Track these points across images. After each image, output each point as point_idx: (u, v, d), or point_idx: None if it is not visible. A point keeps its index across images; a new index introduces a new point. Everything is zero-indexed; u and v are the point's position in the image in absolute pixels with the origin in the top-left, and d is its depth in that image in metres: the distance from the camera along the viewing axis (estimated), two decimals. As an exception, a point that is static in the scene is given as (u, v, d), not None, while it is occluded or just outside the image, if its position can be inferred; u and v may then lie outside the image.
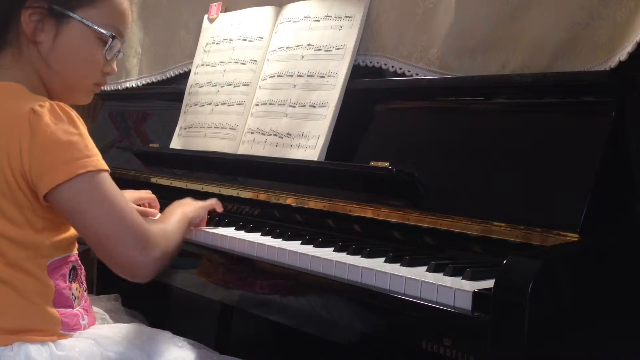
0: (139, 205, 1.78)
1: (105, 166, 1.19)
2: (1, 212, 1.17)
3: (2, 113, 1.18)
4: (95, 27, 1.25)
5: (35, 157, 1.14)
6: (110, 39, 1.28)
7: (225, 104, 1.95)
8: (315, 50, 1.74)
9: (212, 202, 1.63)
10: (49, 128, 1.15)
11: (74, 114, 1.20)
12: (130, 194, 1.78)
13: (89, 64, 1.29)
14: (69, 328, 1.25)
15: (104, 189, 1.17)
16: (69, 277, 1.27)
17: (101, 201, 1.17)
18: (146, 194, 1.80)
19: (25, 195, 1.17)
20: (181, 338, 1.37)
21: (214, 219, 1.66)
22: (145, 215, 1.76)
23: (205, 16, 2.16)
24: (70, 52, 1.26)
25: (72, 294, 1.27)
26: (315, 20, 1.78)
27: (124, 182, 2.13)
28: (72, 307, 1.27)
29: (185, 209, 1.48)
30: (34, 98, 1.20)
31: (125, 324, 1.40)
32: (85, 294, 1.33)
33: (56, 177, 1.14)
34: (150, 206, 1.79)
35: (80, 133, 1.18)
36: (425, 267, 1.23)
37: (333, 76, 1.68)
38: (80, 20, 1.24)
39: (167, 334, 1.37)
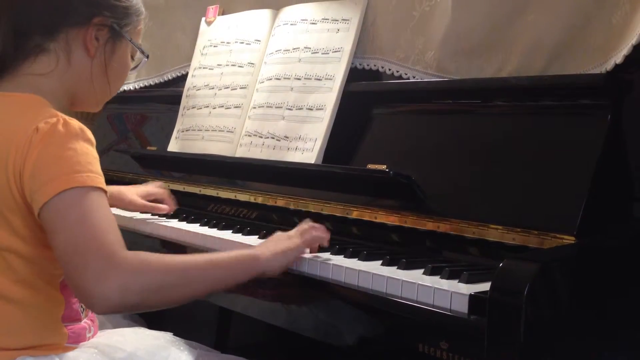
0: (152, 201, 1.77)
1: (96, 183, 1.12)
2: (12, 228, 1.15)
3: (10, 130, 1.16)
4: (138, 47, 1.34)
5: (27, 177, 1.11)
6: (145, 58, 1.38)
7: (222, 106, 1.95)
8: (312, 53, 1.75)
9: (305, 244, 1.35)
10: (43, 145, 1.12)
11: (78, 128, 1.15)
12: (142, 189, 1.76)
13: (126, 77, 1.37)
14: (74, 341, 1.24)
15: (83, 206, 1.09)
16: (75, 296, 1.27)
17: (75, 219, 1.09)
18: (156, 188, 1.77)
19: (30, 213, 1.14)
20: (183, 340, 1.37)
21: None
22: (153, 211, 1.73)
23: (203, 19, 2.16)
24: (120, 68, 1.32)
25: (81, 306, 1.27)
26: (313, 23, 1.78)
27: (122, 185, 2.14)
28: (79, 320, 1.26)
29: (259, 253, 1.26)
30: (45, 113, 1.16)
31: (127, 329, 1.40)
32: None
33: (44, 195, 1.10)
34: (163, 202, 1.78)
35: (74, 148, 1.12)
36: (422, 270, 1.23)
37: (330, 79, 1.68)
38: (129, 40, 1.31)
39: (169, 336, 1.37)
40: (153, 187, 1.78)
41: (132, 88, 2.42)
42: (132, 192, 1.75)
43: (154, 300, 1.13)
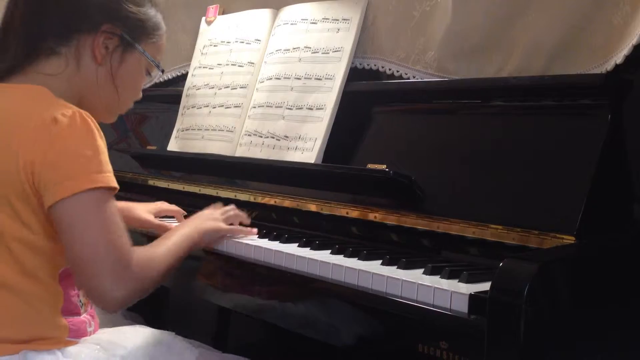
0: (162, 217, 1.74)
1: (112, 183, 1.17)
2: (18, 216, 1.17)
3: (18, 118, 1.18)
4: (152, 60, 1.35)
5: (46, 168, 1.13)
6: (160, 72, 1.40)
7: (222, 106, 1.95)
8: (312, 53, 1.75)
9: (231, 215, 1.52)
10: (66, 140, 1.14)
11: (94, 125, 1.19)
12: (154, 206, 1.73)
13: (138, 90, 1.38)
14: (75, 335, 1.25)
15: (104, 210, 1.14)
16: (84, 294, 1.27)
17: (96, 223, 1.14)
18: (168, 205, 1.75)
19: (38, 202, 1.16)
20: (184, 339, 1.38)
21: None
22: (163, 229, 1.67)
23: (203, 18, 2.16)
24: (130, 79, 1.34)
25: (80, 301, 1.27)
26: (313, 23, 1.78)
27: (121, 185, 2.14)
28: (79, 314, 1.27)
29: (199, 226, 1.43)
30: (58, 104, 1.19)
31: (129, 327, 1.41)
32: None
33: (63, 191, 1.12)
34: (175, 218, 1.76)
35: (97, 146, 1.17)
36: (421, 270, 1.23)
37: (330, 79, 1.68)
38: (142, 52, 1.33)
39: (171, 335, 1.37)
40: (166, 205, 1.76)
41: (132, 87, 2.41)
42: (142, 208, 1.71)
43: (153, 289, 1.23)
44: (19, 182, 1.15)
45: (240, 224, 1.55)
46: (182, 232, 1.37)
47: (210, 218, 1.47)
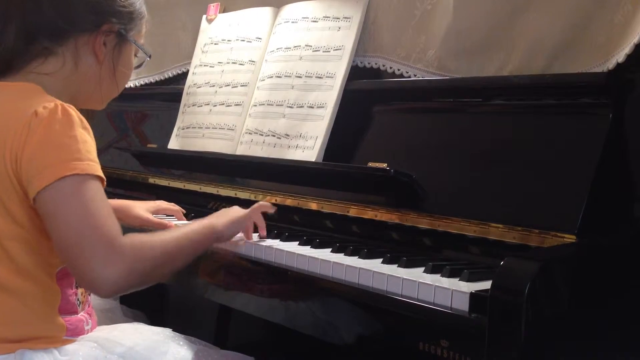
0: (161, 216, 1.73)
1: (95, 172, 1.15)
2: (11, 215, 1.16)
3: (9, 116, 1.18)
4: (142, 48, 1.38)
5: (26, 161, 1.13)
6: (148, 58, 1.42)
7: (223, 104, 1.95)
8: (313, 51, 1.75)
9: (252, 213, 1.49)
10: (44, 131, 1.14)
11: (77, 116, 1.18)
12: (152, 204, 1.73)
13: (130, 75, 1.40)
14: (73, 334, 1.25)
15: (84, 194, 1.13)
16: (77, 282, 1.27)
17: (77, 207, 1.12)
18: (167, 204, 1.75)
19: (26, 198, 1.15)
20: (182, 336, 1.37)
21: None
22: (162, 227, 1.65)
23: (204, 17, 2.16)
24: (126, 69, 1.36)
25: (78, 299, 1.27)
26: (314, 21, 1.78)
27: (122, 183, 2.15)
28: (76, 313, 1.27)
29: (215, 222, 1.38)
30: (42, 99, 1.19)
31: (126, 324, 1.40)
32: (90, 297, 1.33)
33: (42, 180, 1.12)
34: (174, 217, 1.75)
35: (75, 135, 1.15)
36: (422, 268, 1.23)
37: (331, 77, 1.68)
38: (133, 42, 1.35)
39: (168, 332, 1.37)
40: (165, 204, 1.76)
41: (132, 85, 2.41)
42: (141, 207, 1.71)
43: (150, 278, 1.21)
44: (8, 180, 1.15)
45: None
46: (192, 225, 1.34)
47: (232, 210, 1.46)
